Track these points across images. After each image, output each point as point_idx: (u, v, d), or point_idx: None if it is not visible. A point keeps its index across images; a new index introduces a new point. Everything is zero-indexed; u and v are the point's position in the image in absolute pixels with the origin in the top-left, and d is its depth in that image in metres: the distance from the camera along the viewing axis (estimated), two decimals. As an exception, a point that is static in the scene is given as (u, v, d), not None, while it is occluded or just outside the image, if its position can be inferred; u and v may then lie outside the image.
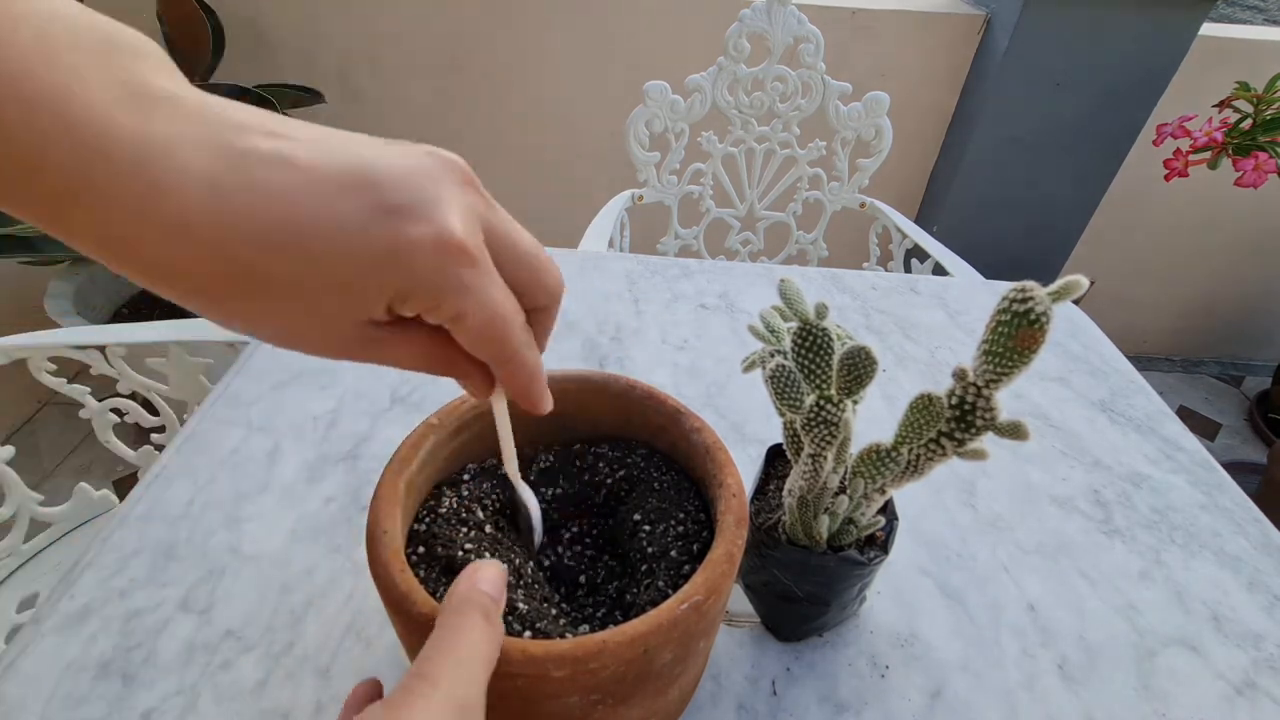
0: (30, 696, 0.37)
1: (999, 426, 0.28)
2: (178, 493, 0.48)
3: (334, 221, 0.18)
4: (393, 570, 0.27)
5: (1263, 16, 3.13)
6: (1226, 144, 1.25)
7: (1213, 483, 0.56)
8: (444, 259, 0.20)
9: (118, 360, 0.76)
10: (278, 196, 0.18)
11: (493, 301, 0.21)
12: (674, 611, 0.27)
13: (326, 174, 0.18)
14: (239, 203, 0.17)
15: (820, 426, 0.32)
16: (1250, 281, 1.90)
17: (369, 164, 0.19)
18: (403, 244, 0.19)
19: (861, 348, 0.29)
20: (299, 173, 0.18)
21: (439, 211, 0.20)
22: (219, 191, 0.17)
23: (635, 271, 0.77)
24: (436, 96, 1.60)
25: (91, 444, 1.50)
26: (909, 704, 0.39)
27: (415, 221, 0.19)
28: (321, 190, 0.18)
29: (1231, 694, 0.41)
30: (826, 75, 1.08)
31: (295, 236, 0.18)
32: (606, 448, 0.39)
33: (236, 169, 0.17)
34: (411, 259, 0.19)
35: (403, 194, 0.19)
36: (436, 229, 0.19)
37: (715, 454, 0.34)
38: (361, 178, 0.19)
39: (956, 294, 0.78)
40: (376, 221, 0.19)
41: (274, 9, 1.48)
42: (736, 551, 0.30)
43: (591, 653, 0.25)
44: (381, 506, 0.30)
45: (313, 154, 0.19)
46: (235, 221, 0.17)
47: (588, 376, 0.38)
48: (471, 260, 0.20)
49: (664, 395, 0.37)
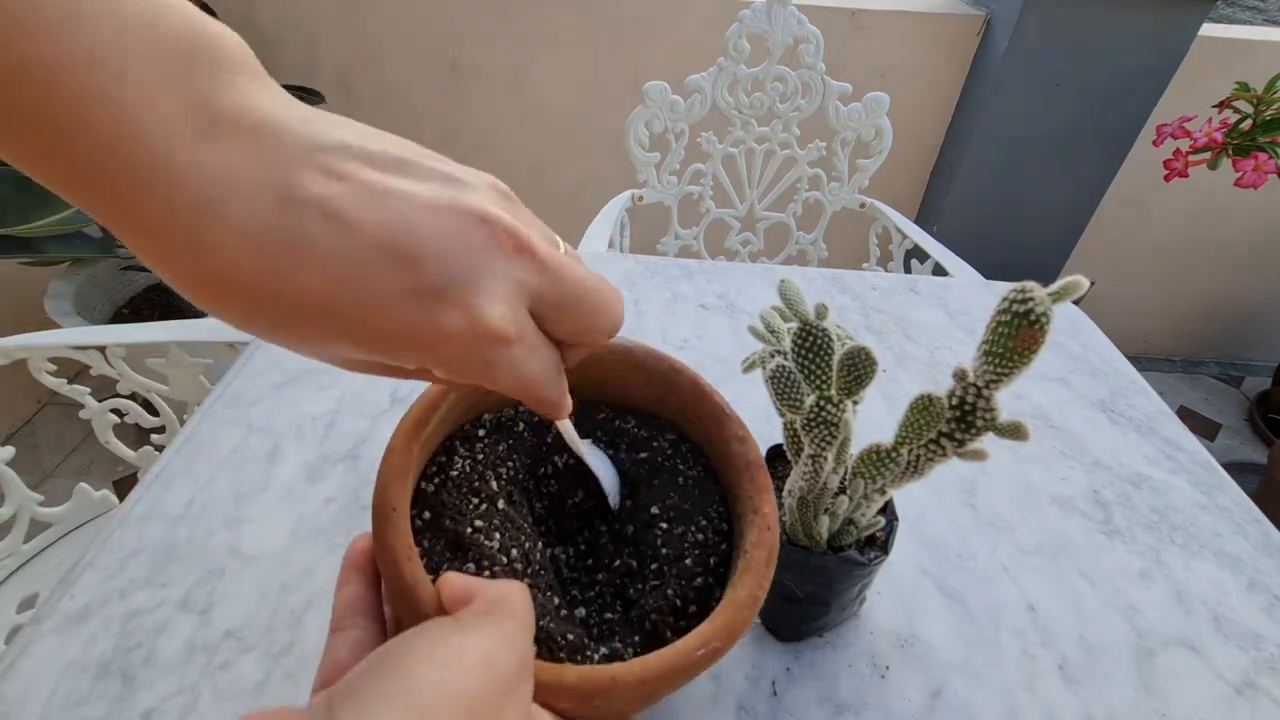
0: (30, 697, 0.37)
1: (999, 427, 0.28)
2: (178, 493, 0.48)
3: (369, 297, 0.18)
4: (400, 557, 0.25)
5: (1262, 17, 3.13)
6: (1226, 144, 1.25)
7: (1213, 483, 0.56)
8: (474, 346, 0.19)
9: (118, 361, 0.76)
10: (319, 262, 0.17)
11: (520, 370, 0.21)
12: (690, 656, 0.25)
13: (371, 236, 0.18)
14: (280, 265, 0.17)
15: (820, 427, 0.32)
16: (1251, 281, 1.90)
17: (418, 231, 0.18)
18: (434, 330, 0.18)
19: (861, 348, 0.29)
20: (345, 235, 0.17)
21: (478, 297, 0.19)
22: (260, 245, 0.17)
23: (635, 272, 0.77)
24: (436, 96, 1.60)
25: (91, 444, 1.50)
26: (909, 704, 0.39)
27: (451, 307, 0.18)
28: (363, 260, 0.18)
29: (1231, 694, 0.41)
30: (826, 76, 1.08)
31: (329, 303, 0.18)
32: (634, 423, 0.36)
33: (281, 217, 0.17)
34: (441, 346, 0.19)
35: (444, 274, 0.18)
36: (470, 319, 0.19)
37: (755, 473, 0.31)
38: (407, 248, 0.18)
39: (956, 294, 0.78)
40: (410, 303, 0.18)
41: (274, 9, 1.48)
42: (761, 594, 0.27)
43: (600, 689, 0.24)
44: (392, 480, 0.27)
45: (364, 208, 0.18)
46: (270, 278, 0.17)
47: (626, 347, 0.35)
48: (505, 343, 0.20)
49: (710, 389, 0.34)
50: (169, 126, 0.15)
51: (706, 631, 0.25)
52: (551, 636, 0.26)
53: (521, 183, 1.72)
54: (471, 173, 0.21)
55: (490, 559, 0.28)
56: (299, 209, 0.17)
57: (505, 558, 0.28)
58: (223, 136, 0.16)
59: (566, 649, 0.26)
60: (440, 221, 0.18)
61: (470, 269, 0.19)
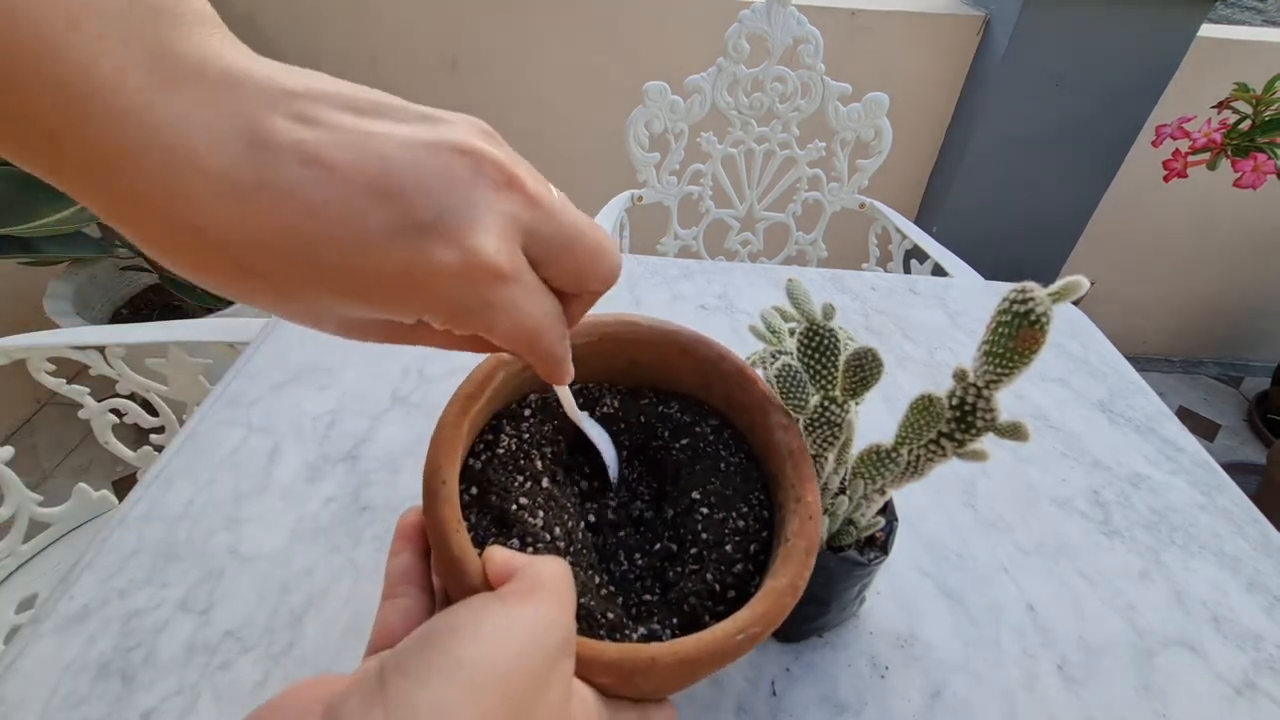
0: (30, 697, 0.37)
1: (999, 427, 0.28)
2: (177, 493, 0.48)
3: (354, 236, 0.17)
4: (448, 529, 0.25)
5: (1261, 17, 3.14)
6: (1225, 145, 1.26)
7: (1212, 483, 0.56)
8: (470, 283, 0.18)
9: (117, 361, 0.76)
10: (300, 206, 0.16)
11: (521, 315, 0.20)
12: (730, 640, 0.25)
13: (352, 176, 0.17)
14: (255, 205, 0.16)
15: (824, 427, 0.32)
16: (1249, 282, 1.90)
17: (399, 168, 0.17)
18: (426, 268, 0.18)
19: (869, 349, 0.29)
20: (322, 173, 0.17)
21: (470, 230, 0.18)
22: (236, 191, 0.16)
23: (635, 272, 0.78)
24: (436, 96, 1.60)
25: (91, 444, 1.50)
26: (909, 704, 0.39)
27: (442, 242, 0.18)
28: (344, 197, 0.17)
29: (1231, 694, 0.41)
30: (826, 76, 1.08)
31: (310, 246, 0.17)
32: (676, 407, 0.36)
33: (256, 163, 0.16)
34: (435, 284, 0.18)
35: (431, 207, 0.18)
36: (463, 252, 0.18)
37: (799, 462, 0.31)
38: (390, 185, 0.17)
39: (956, 295, 0.78)
40: (400, 241, 0.17)
41: (274, 8, 1.48)
42: (801, 584, 0.27)
43: (639, 667, 0.24)
44: (442, 452, 0.27)
45: (342, 148, 0.17)
46: (251, 226, 0.16)
47: (671, 331, 0.35)
48: (502, 279, 0.19)
49: (755, 376, 0.34)
50: (130, 78, 0.15)
51: (746, 617, 0.26)
52: (592, 614, 0.27)
53: (521, 183, 1.72)
54: (451, 113, 0.20)
55: (534, 535, 0.28)
56: (274, 154, 0.16)
57: (549, 535, 0.29)
58: (188, 86, 0.16)
59: (606, 627, 0.27)
60: (421, 157, 0.18)
61: (459, 202, 0.18)
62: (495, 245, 0.19)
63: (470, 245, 0.18)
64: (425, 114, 0.19)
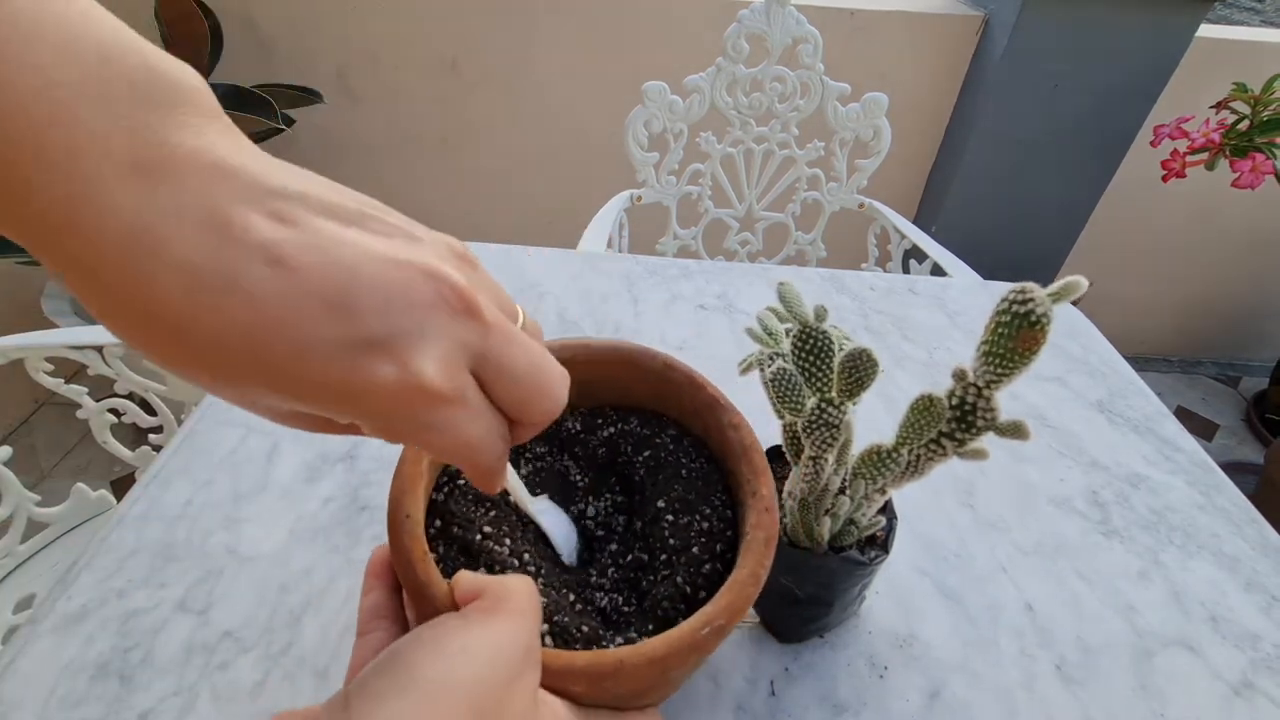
0: (28, 697, 0.37)
1: (1000, 426, 0.28)
2: (176, 493, 0.48)
3: (301, 341, 0.17)
4: (414, 559, 0.26)
5: (1260, 18, 3.14)
6: (1224, 145, 1.26)
7: (1210, 483, 0.56)
8: (405, 402, 0.18)
9: (115, 360, 0.76)
10: (254, 305, 0.17)
11: (459, 434, 0.20)
12: (695, 635, 0.26)
13: (311, 284, 0.17)
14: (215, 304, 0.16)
15: (822, 429, 0.32)
16: (1247, 282, 1.90)
17: (359, 281, 0.18)
18: (365, 382, 0.18)
19: (863, 350, 0.29)
20: (284, 274, 0.17)
21: (416, 352, 0.18)
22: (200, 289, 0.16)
23: (634, 272, 0.77)
24: (436, 96, 1.60)
25: (89, 444, 1.50)
26: (908, 704, 0.39)
27: (384, 360, 0.18)
28: (300, 306, 0.17)
29: (1229, 694, 0.41)
30: (825, 76, 1.08)
31: (259, 348, 0.17)
32: (635, 422, 0.37)
33: (225, 266, 0.16)
34: (371, 399, 0.18)
35: (382, 325, 0.18)
36: (403, 373, 0.18)
37: (752, 456, 0.32)
38: (347, 298, 0.17)
39: (955, 295, 0.78)
40: (346, 353, 0.18)
41: (273, 8, 1.48)
42: (762, 572, 0.29)
43: (608, 671, 0.25)
44: (404, 486, 0.29)
45: (309, 251, 0.17)
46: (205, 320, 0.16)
47: (620, 347, 0.36)
48: (442, 401, 0.19)
49: (704, 380, 0.36)
50: (111, 163, 0.15)
51: (710, 611, 0.26)
52: (567, 629, 0.27)
53: (521, 183, 1.72)
54: (431, 233, 0.20)
55: (502, 563, 0.29)
56: (244, 251, 0.16)
57: (517, 561, 0.30)
58: (171, 175, 0.16)
59: (582, 640, 0.27)
60: (385, 273, 0.18)
61: (410, 324, 0.18)
62: (436, 369, 0.19)
63: (413, 367, 0.18)
64: (404, 231, 0.20)
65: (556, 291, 0.73)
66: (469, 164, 1.69)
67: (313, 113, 1.51)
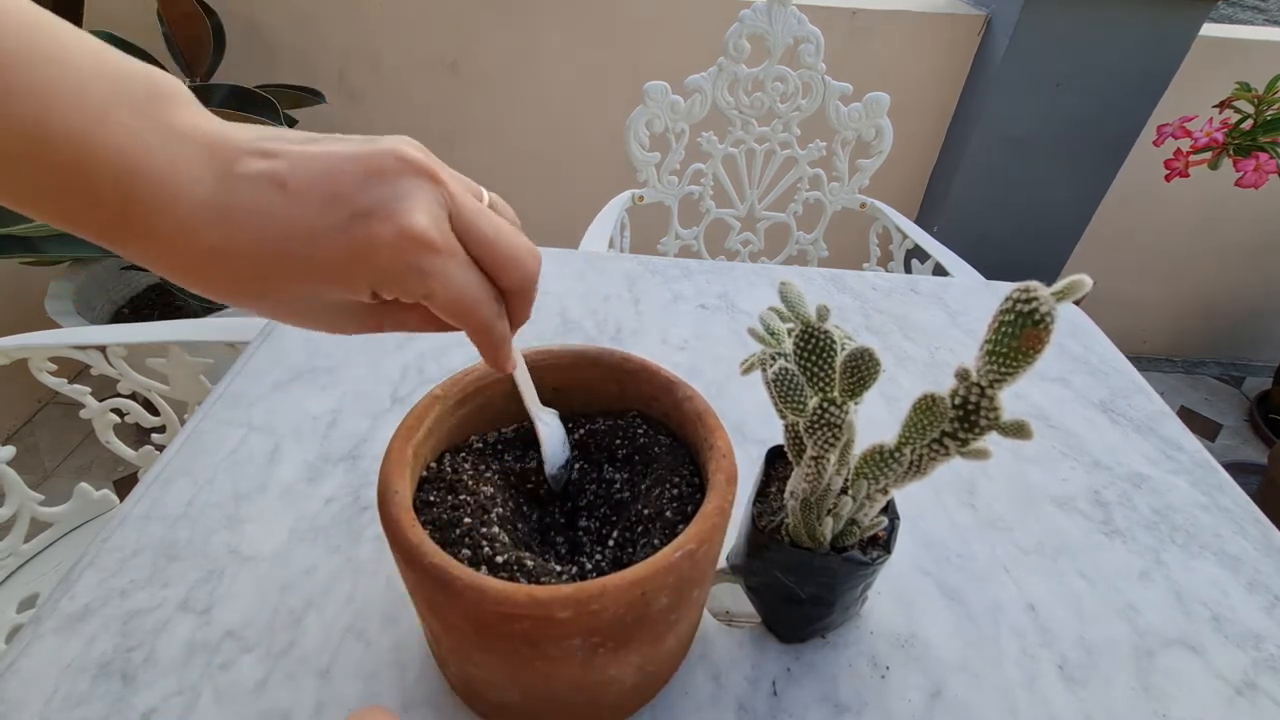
0: (30, 697, 0.37)
1: (1003, 426, 0.28)
2: (178, 493, 0.48)
3: (314, 232, 0.22)
4: (404, 525, 0.29)
5: (1263, 17, 3.13)
6: (1227, 144, 1.26)
7: (1213, 483, 0.56)
8: (405, 251, 0.22)
9: (118, 360, 0.76)
10: (270, 215, 0.22)
11: (455, 282, 0.24)
12: (669, 559, 0.28)
13: (308, 189, 0.22)
14: (244, 225, 0.22)
15: (824, 429, 0.32)
16: (1251, 282, 1.90)
17: (339, 175, 0.22)
18: (369, 242, 0.22)
19: (865, 350, 0.29)
20: (287, 192, 0.22)
21: (402, 208, 0.22)
22: (228, 217, 0.21)
23: (635, 272, 0.77)
24: (436, 96, 1.60)
25: (92, 444, 1.51)
26: (909, 704, 0.39)
27: (379, 222, 0.22)
28: (304, 205, 0.22)
29: (1231, 694, 0.41)
30: (827, 75, 1.08)
31: (284, 246, 0.22)
32: (602, 421, 0.40)
33: (240, 194, 0.21)
34: (377, 254, 0.22)
35: (366, 198, 0.22)
36: (397, 225, 0.22)
37: (706, 419, 0.36)
38: (336, 190, 0.22)
39: (956, 294, 0.78)
40: (347, 229, 0.22)
41: (274, 8, 1.48)
42: (727, 506, 0.31)
43: (593, 595, 0.27)
44: (392, 469, 0.32)
45: (297, 171, 0.22)
46: (242, 240, 0.22)
47: (582, 350, 0.40)
48: (434, 248, 0.23)
49: (657, 367, 0.39)
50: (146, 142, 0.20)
51: (681, 539, 0.29)
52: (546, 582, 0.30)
53: (522, 183, 1.72)
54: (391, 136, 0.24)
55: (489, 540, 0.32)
56: (249, 183, 0.22)
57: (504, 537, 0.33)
58: (187, 145, 0.21)
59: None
60: (359, 163, 0.23)
61: (389, 192, 0.22)
62: (424, 221, 0.23)
63: (403, 221, 0.22)
64: (367, 137, 0.24)
65: (558, 291, 0.73)
66: (470, 164, 1.69)
67: (315, 113, 1.51)
